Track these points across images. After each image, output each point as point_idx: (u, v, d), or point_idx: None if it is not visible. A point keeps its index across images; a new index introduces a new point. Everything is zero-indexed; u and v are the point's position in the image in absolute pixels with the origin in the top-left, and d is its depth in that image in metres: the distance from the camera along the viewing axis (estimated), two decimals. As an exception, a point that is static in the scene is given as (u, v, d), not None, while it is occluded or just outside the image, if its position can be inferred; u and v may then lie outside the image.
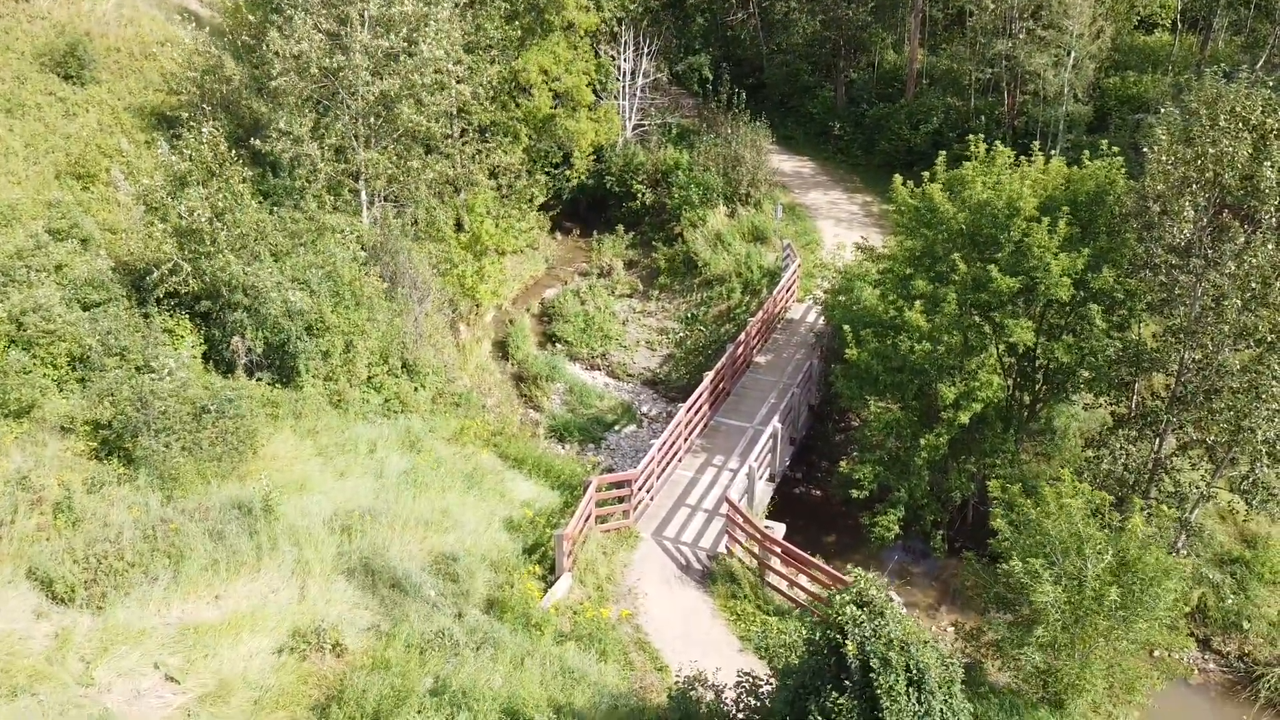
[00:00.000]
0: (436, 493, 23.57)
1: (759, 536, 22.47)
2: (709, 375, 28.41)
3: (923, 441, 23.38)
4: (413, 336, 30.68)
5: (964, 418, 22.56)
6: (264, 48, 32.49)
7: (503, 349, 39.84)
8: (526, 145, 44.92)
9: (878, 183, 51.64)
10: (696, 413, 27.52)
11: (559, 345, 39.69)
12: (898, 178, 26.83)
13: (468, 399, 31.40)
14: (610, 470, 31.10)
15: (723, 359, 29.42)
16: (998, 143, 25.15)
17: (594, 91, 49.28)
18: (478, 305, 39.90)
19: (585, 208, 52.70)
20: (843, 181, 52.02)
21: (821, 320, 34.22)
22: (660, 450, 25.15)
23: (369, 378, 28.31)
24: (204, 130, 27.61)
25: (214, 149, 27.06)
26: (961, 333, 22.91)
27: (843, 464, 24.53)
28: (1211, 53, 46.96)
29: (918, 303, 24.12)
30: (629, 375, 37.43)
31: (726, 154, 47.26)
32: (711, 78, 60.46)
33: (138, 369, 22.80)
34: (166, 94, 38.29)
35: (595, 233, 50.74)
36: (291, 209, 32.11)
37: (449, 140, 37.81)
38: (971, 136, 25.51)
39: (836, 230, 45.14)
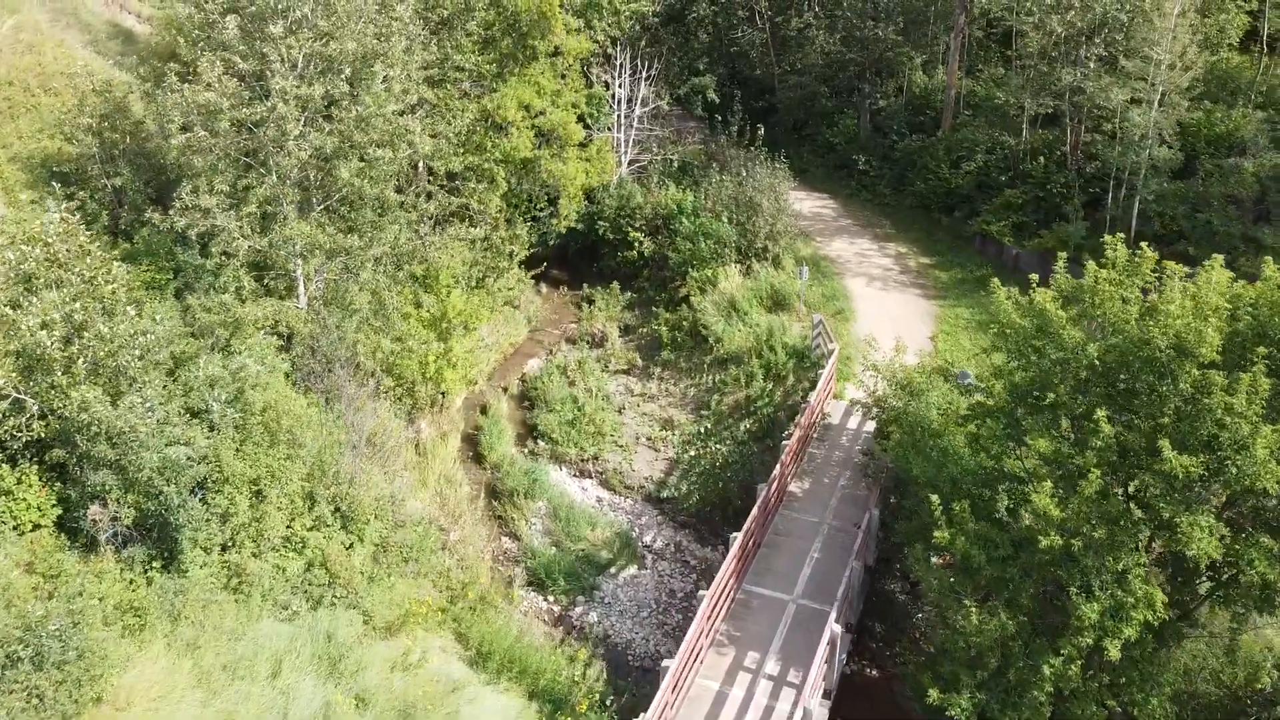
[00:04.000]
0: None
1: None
2: (736, 539, 21.57)
3: (1046, 670, 16.56)
4: (351, 464, 23.79)
5: (1113, 650, 15.73)
6: (161, 94, 25.55)
7: (474, 445, 32.91)
8: (505, 190, 38.01)
9: (912, 228, 44.85)
10: (722, 594, 20.66)
11: (542, 443, 32.75)
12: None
13: (423, 540, 24.48)
14: (606, 639, 24.25)
15: (753, 512, 22.50)
16: (1144, 246, 18.27)
17: (584, 124, 42.43)
18: (444, 393, 32.97)
19: (575, 254, 45.90)
20: (871, 227, 45.17)
21: (868, 426, 27.42)
22: (674, 675, 18.22)
23: (287, 536, 21.36)
24: (50, 214, 20.62)
25: (66, 238, 20.03)
26: (1107, 525, 16.09)
27: (929, 691, 17.59)
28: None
29: (1037, 464, 17.35)
30: (627, 488, 30.50)
31: (739, 197, 40.41)
32: (718, 100, 53.70)
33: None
34: (63, 141, 31.27)
35: (586, 285, 43.97)
36: (204, 295, 25.26)
37: (406, 199, 30.92)
38: (1108, 238, 18.59)
39: (869, 291, 38.33)
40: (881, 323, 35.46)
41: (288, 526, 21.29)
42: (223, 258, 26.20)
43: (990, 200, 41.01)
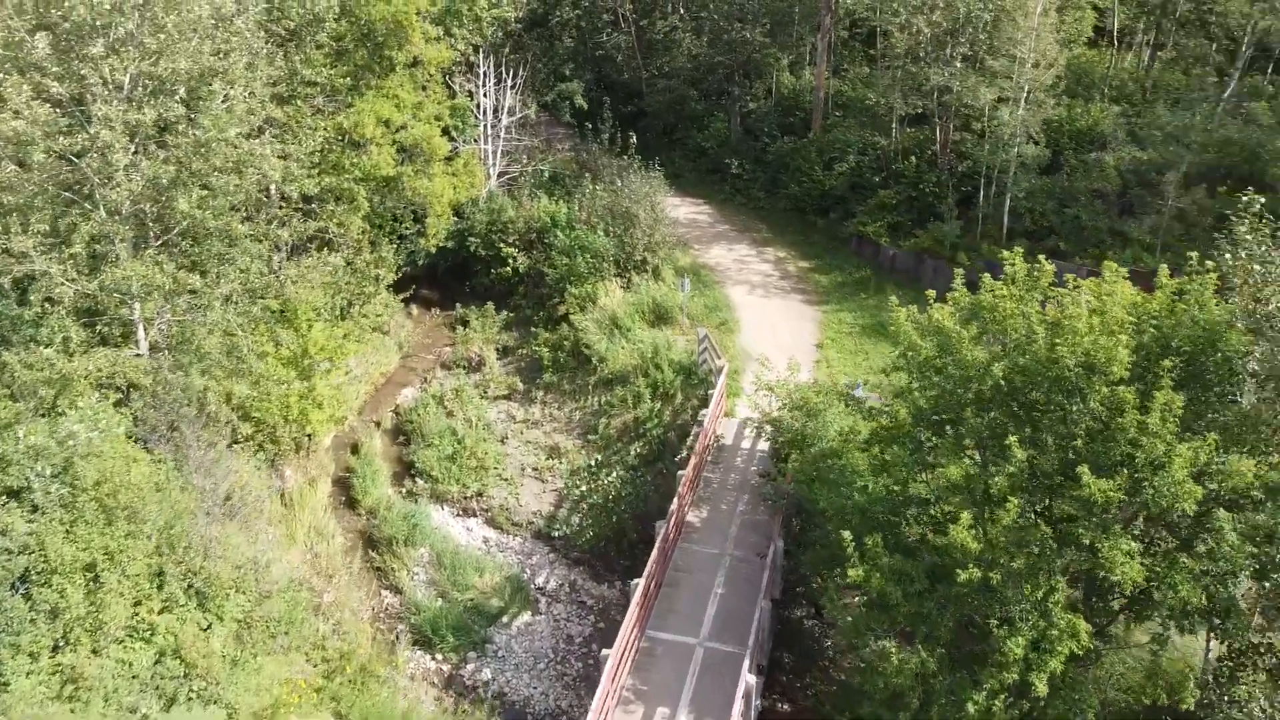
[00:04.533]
0: None
1: None
2: (638, 586, 20.15)
3: (971, 708, 15.76)
4: (205, 530, 21.34)
5: (1040, 685, 15.02)
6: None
7: (347, 489, 30.58)
8: (367, 211, 35.65)
9: (788, 231, 44.44)
10: (626, 648, 19.23)
11: (421, 481, 30.67)
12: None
13: (293, 609, 22.22)
14: (502, 698, 22.54)
15: (653, 554, 21.13)
16: (1042, 259, 17.68)
17: (449, 137, 40.35)
18: (310, 435, 30.51)
19: (446, 272, 43.77)
20: (748, 231, 44.58)
21: (762, 444, 26.47)
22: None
23: (132, 625, 18.86)
24: None
25: None
26: (1025, 553, 15.39)
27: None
28: (1155, 75, 41.62)
29: (947, 492, 16.59)
30: (515, 525, 28.75)
31: (615, 208, 39.10)
32: (587, 106, 52.31)
33: None
34: None
35: (459, 305, 41.92)
36: (23, 350, 22.28)
37: (256, 228, 28.38)
38: (1005, 255, 17.93)
39: (751, 300, 37.59)
40: (766, 332, 34.78)
41: (133, 613, 18.80)
42: (45, 305, 23.27)
43: (865, 201, 40.92)
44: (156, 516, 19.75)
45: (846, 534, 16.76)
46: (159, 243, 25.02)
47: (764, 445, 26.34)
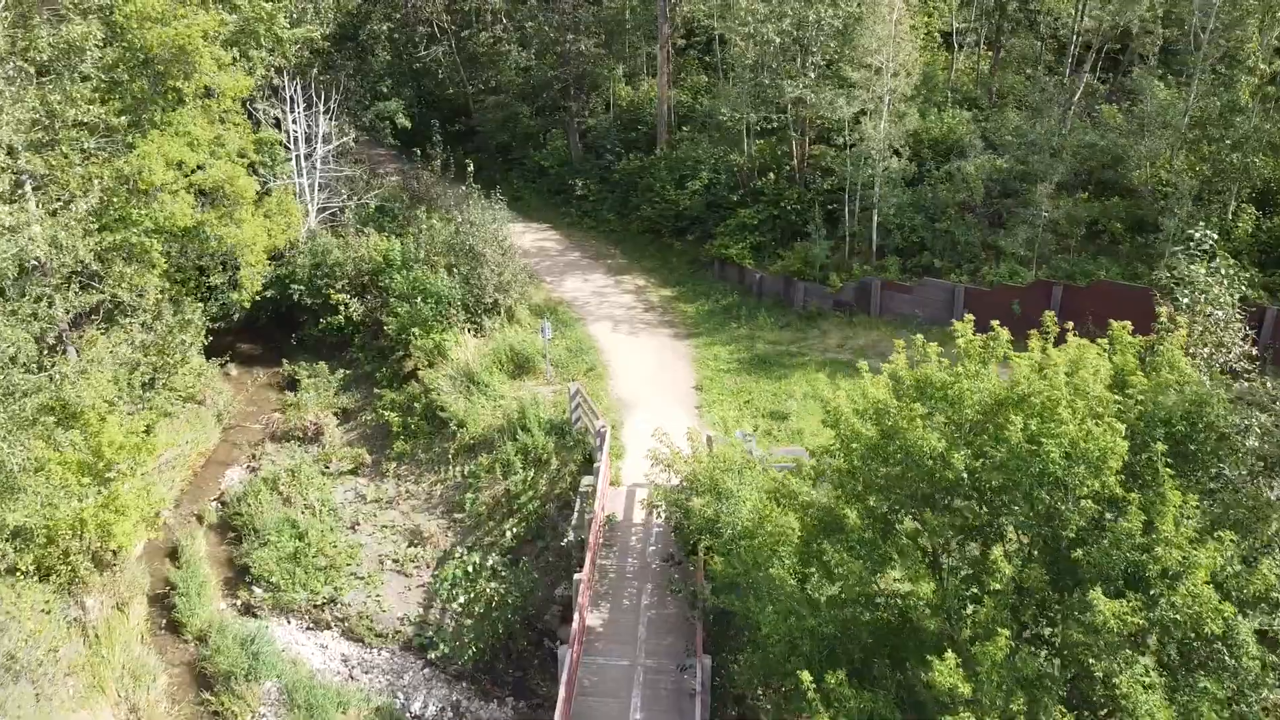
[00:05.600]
0: None
1: None
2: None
3: None
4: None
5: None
6: None
7: (168, 608, 25.58)
8: (165, 268, 30.42)
9: (645, 256, 41.60)
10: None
11: (259, 589, 26.03)
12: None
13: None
14: None
15: (560, 692, 17.64)
16: (995, 324, 15.27)
17: (258, 174, 35.33)
18: (115, 551, 25.31)
19: (269, 322, 38.70)
20: (602, 259, 41.52)
21: (659, 522, 23.45)
22: None
23: None
24: None
25: None
26: (1025, 688, 12.93)
27: None
28: (998, 78, 41.16)
29: (920, 615, 14.03)
30: (379, 636, 24.55)
31: (457, 245, 35.20)
32: (410, 125, 47.98)
33: None
34: None
35: (286, 361, 37.00)
36: None
37: (18, 308, 23.07)
38: (957, 324, 15.36)
39: (618, 338, 34.54)
40: (638, 375, 31.85)
41: None
42: None
43: (724, 221, 38.58)
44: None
45: (805, 675, 13.86)
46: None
47: (659, 521, 23.34)
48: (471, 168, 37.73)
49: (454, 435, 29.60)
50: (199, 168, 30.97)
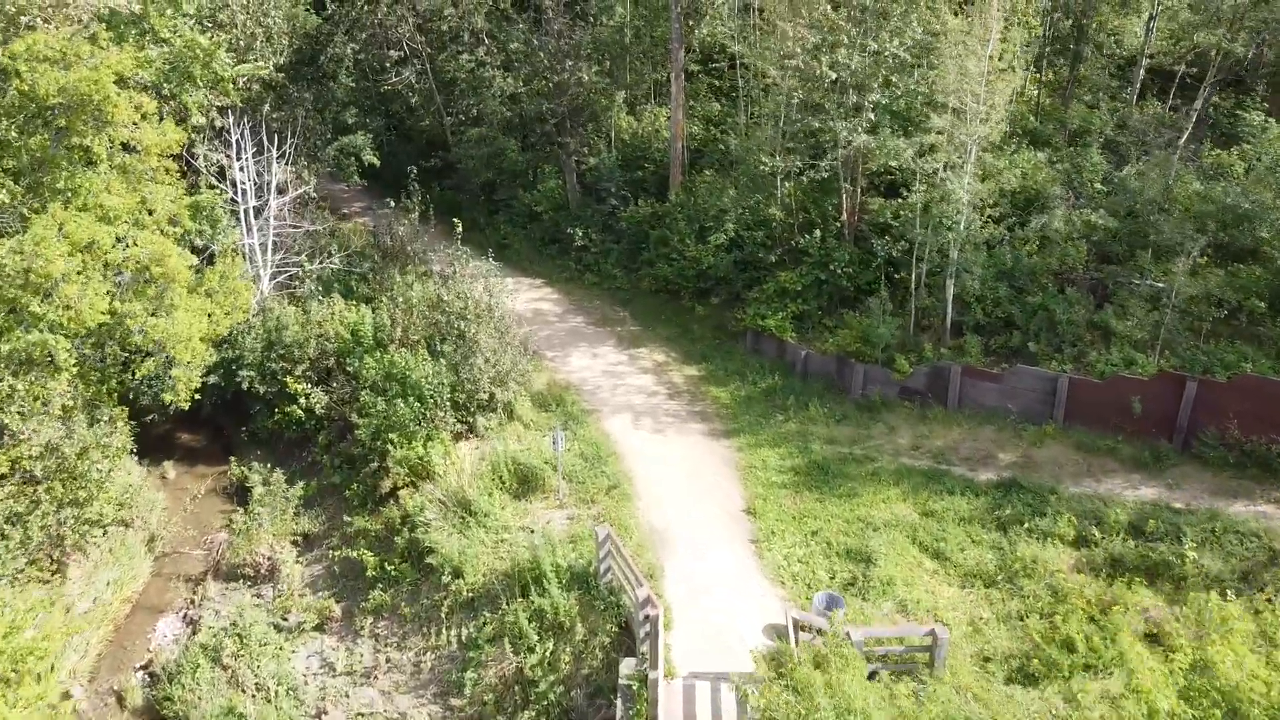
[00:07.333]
0: None
1: None
2: None
3: None
4: None
5: None
6: None
7: None
8: (77, 369, 23.95)
9: (659, 321, 35.32)
10: None
11: (194, 823, 19.61)
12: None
13: None
14: None
15: None
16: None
17: (193, 247, 28.87)
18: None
19: (214, 410, 32.33)
20: (610, 325, 35.27)
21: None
22: None
23: None
24: None
25: None
26: None
27: None
28: (1073, 111, 35.37)
29: None
30: None
31: (444, 326, 28.96)
32: (379, 163, 41.54)
33: None
34: None
35: (235, 458, 30.56)
36: None
37: None
38: (1194, 594, 9.38)
39: (640, 438, 28.20)
40: (675, 495, 25.50)
41: None
42: None
43: (758, 285, 32.51)
44: None
45: None
46: None
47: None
48: (460, 228, 31.23)
49: (446, 586, 23.26)
50: (119, 240, 24.47)
